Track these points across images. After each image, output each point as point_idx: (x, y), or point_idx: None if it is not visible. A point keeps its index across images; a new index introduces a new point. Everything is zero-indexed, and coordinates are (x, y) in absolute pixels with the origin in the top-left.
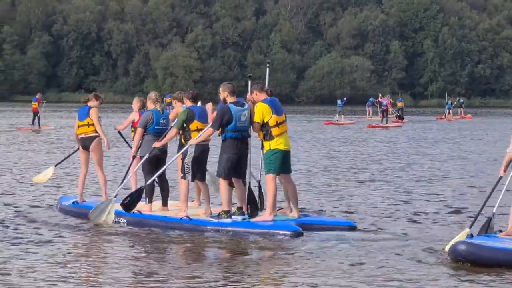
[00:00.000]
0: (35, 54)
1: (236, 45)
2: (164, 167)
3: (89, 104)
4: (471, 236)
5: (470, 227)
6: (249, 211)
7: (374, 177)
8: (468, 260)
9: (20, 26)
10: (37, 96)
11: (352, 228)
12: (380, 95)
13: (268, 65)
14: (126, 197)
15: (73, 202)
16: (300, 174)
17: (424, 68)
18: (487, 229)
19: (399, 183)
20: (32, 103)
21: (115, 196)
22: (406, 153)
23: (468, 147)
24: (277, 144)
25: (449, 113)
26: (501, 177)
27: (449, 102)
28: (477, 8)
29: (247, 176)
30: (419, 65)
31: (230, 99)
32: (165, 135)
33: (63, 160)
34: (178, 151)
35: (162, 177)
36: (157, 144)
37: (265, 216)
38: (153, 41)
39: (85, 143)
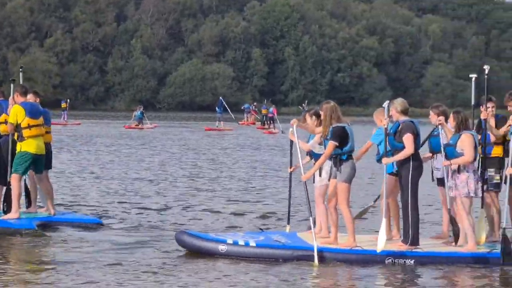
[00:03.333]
0: None
1: (96, 51)
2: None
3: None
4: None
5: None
6: (5, 209)
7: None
8: (184, 247)
9: None
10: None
11: (99, 225)
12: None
13: (21, 70)
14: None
15: None
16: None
17: (285, 76)
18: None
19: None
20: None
21: None
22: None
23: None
24: (27, 146)
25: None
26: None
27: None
28: (337, 17)
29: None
30: (280, 73)
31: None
32: None
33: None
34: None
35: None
36: None
37: (11, 214)
38: (11, 45)
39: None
